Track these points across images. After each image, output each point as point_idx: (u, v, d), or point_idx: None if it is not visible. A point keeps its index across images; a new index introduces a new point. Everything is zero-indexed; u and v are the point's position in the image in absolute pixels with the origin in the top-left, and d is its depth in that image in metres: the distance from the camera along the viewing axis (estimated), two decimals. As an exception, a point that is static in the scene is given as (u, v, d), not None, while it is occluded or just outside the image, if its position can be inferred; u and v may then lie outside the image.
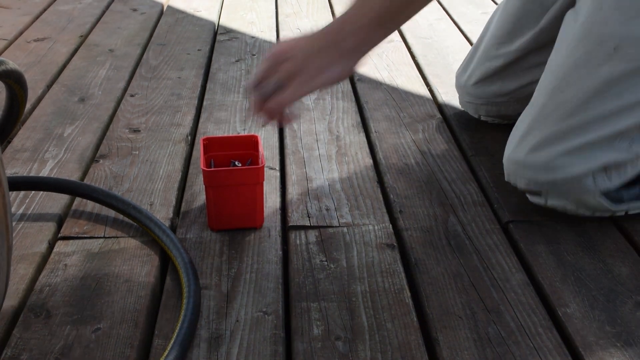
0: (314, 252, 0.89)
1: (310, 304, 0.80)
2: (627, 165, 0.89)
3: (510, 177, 0.95)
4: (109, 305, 0.79)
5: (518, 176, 0.93)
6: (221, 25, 1.80)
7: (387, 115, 1.27)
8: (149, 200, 0.99)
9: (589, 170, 0.88)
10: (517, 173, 0.93)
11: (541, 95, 0.92)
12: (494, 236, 0.92)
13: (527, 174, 0.92)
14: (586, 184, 0.89)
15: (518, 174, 0.93)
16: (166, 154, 1.13)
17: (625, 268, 0.86)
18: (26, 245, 0.89)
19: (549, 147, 0.89)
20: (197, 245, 0.90)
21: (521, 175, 0.93)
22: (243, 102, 1.33)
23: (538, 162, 0.90)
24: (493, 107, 1.18)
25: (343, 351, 0.73)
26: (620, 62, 0.84)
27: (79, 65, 1.51)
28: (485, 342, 0.74)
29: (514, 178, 0.94)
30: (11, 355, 0.72)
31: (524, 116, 0.95)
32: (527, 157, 0.91)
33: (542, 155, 0.90)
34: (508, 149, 0.95)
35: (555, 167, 0.89)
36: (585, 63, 0.87)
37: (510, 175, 0.95)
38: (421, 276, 0.85)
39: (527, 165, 0.91)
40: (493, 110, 1.18)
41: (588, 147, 0.87)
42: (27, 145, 1.15)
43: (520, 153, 0.92)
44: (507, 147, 0.95)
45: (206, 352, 0.73)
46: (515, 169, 0.93)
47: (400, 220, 0.96)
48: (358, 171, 1.08)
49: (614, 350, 0.73)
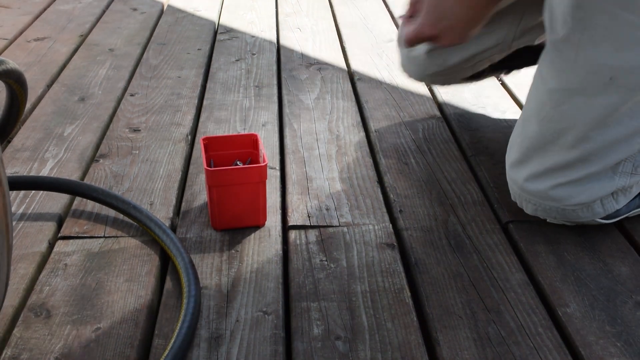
0: (314, 252, 0.89)
1: (310, 303, 0.80)
2: (633, 186, 0.89)
3: (517, 200, 0.94)
4: (109, 304, 0.79)
5: (524, 201, 0.93)
6: (221, 25, 1.80)
7: (387, 114, 1.27)
8: (149, 200, 0.99)
9: (597, 197, 0.88)
10: (522, 197, 0.93)
11: (535, 122, 0.89)
12: (494, 236, 0.92)
13: (532, 200, 0.91)
14: (595, 209, 0.89)
15: (523, 198, 0.92)
16: (166, 154, 1.13)
17: (625, 268, 0.86)
18: (26, 245, 0.89)
19: (550, 178, 0.88)
20: (197, 244, 0.90)
21: (527, 201, 0.92)
22: (243, 102, 1.33)
23: (540, 191, 0.89)
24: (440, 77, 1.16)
25: (343, 351, 0.73)
26: (617, 91, 0.82)
27: (79, 65, 1.51)
28: (485, 341, 0.74)
29: (520, 202, 0.94)
30: (11, 354, 0.72)
31: (518, 137, 0.93)
32: (528, 184, 0.90)
33: (545, 185, 0.89)
34: (508, 170, 0.94)
35: (560, 197, 0.88)
36: (581, 92, 0.84)
37: (516, 197, 0.94)
38: (421, 276, 0.85)
39: (530, 193, 0.91)
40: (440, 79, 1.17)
41: (593, 177, 0.87)
42: (27, 144, 1.15)
43: (520, 178, 0.91)
44: (507, 168, 0.94)
45: (206, 351, 0.73)
46: (520, 193, 0.92)
47: (400, 220, 0.96)
48: (358, 171, 1.08)
49: (614, 350, 0.73)
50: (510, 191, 0.95)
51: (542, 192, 0.89)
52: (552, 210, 0.90)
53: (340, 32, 1.73)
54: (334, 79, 1.44)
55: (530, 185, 0.90)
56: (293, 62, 1.54)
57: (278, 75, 1.47)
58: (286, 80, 1.44)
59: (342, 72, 1.48)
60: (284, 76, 1.46)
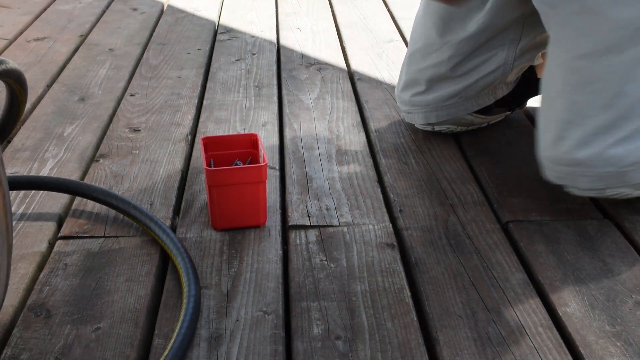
0: (314, 252, 0.89)
1: (310, 303, 0.80)
2: None
3: (564, 180, 0.93)
4: (109, 304, 0.79)
5: (577, 176, 0.91)
6: (221, 25, 1.80)
7: (387, 114, 1.27)
8: (149, 200, 0.99)
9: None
10: (574, 173, 0.91)
11: (567, 93, 0.90)
12: (494, 236, 0.92)
13: (587, 172, 0.90)
14: None
15: (576, 173, 0.91)
16: (166, 154, 1.13)
17: (625, 267, 0.86)
18: (26, 245, 0.89)
19: (598, 142, 0.88)
20: (197, 244, 0.90)
21: (580, 174, 0.91)
22: (243, 102, 1.33)
23: (593, 155, 0.88)
24: (443, 111, 1.14)
25: (343, 351, 0.73)
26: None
27: (79, 65, 1.51)
28: (485, 341, 0.74)
29: (571, 180, 0.92)
30: (11, 354, 0.72)
31: (550, 117, 0.93)
32: (577, 153, 0.89)
33: (596, 149, 0.88)
34: (548, 151, 0.93)
35: (614, 158, 0.88)
36: (610, 50, 0.85)
37: (563, 178, 0.93)
38: (421, 276, 0.85)
39: (582, 162, 0.89)
40: (443, 114, 1.14)
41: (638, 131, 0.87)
42: (27, 144, 1.15)
43: (567, 152, 0.90)
44: (546, 150, 0.93)
45: (206, 351, 0.73)
46: (570, 170, 0.91)
47: (400, 220, 0.96)
48: (358, 171, 1.08)
49: (614, 349, 0.73)
50: (553, 174, 0.94)
51: (595, 157, 0.88)
52: (611, 176, 0.89)
53: (340, 32, 1.73)
54: (334, 79, 1.44)
55: (580, 153, 0.89)
56: (293, 62, 1.54)
57: (278, 75, 1.47)
58: (286, 80, 1.44)
59: (342, 72, 1.48)
60: (284, 76, 1.46)
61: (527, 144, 1.16)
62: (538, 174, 1.07)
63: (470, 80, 1.11)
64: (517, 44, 1.08)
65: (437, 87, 1.12)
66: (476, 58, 1.09)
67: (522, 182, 1.05)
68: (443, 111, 1.14)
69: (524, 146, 1.15)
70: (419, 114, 1.16)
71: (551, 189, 1.03)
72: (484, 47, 1.08)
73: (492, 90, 1.13)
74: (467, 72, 1.10)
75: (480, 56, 1.09)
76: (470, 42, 1.08)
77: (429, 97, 1.13)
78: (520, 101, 1.21)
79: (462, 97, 1.12)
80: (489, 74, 1.10)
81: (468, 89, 1.11)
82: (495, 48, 1.08)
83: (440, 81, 1.12)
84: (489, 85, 1.12)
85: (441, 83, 1.12)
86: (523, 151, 1.14)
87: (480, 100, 1.13)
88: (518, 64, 1.11)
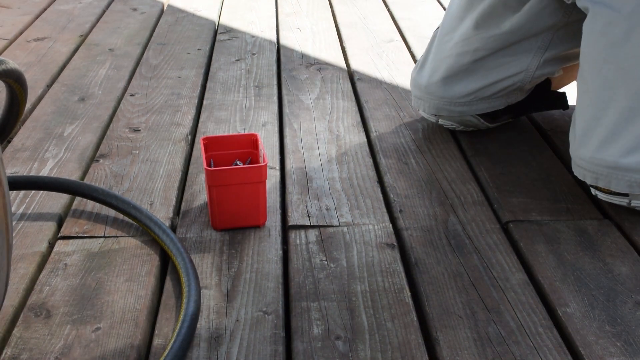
0: (314, 252, 0.89)
1: (310, 303, 0.80)
2: None
3: (603, 182, 0.93)
4: (109, 304, 0.79)
5: (614, 179, 0.92)
6: (221, 25, 1.80)
7: (387, 114, 1.27)
8: (149, 200, 0.99)
9: None
10: (614, 176, 0.92)
11: (622, 97, 0.90)
12: (493, 236, 0.92)
13: (626, 176, 0.91)
14: None
15: (617, 176, 0.91)
16: (166, 154, 1.13)
17: (625, 267, 0.86)
18: (26, 245, 0.89)
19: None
20: (197, 244, 0.90)
21: (619, 178, 0.91)
22: (243, 102, 1.33)
23: (634, 164, 0.90)
24: (456, 107, 1.14)
25: (343, 351, 0.73)
26: None
27: (79, 65, 1.51)
28: (485, 341, 0.74)
29: (608, 181, 0.93)
30: (11, 354, 0.72)
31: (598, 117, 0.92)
32: (623, 160, 0.90)
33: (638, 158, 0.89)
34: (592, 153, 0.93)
35: None
36: None
37: (599, 179, 0.93)
38: (421, 276, 0.85)
39: (627, 168, 0.90)
40: (456, 110, 1.14)
41: None
42: (27, 144, 1.15)
43: (612, 156, 0.91)
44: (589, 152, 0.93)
45: (206, 351, 0.73)
46: (611, 172, 0.92)
47: (400, 220, 0.96)
48: (358, 171, 1.08)
49: (614, 349, 0.73)
50: (589, 174, 0.94)
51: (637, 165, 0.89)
52: None
53: (340, 32, 1.73)
54: (334, 79, 1.44)
55: (626, 159, 0.90)
56: (293, 62, 1.54)
57: (278, 75, 1.47)
58: (286, 80, 1.44)
59: (342, 72, 1.48)
60: (284, 76, 1.46)
61: (527, 144, 1.16)
62: (538, 173, 1.07)
63: (488, 80, 1.11)
64: (542, 53, 1.09)
65: (455, 82, 1.12)
66: (500, 58, 1.09)
67: (522, 182, 1.05)
68: (456, 107, 1.14)
69: (524, 146, 1.15)
70: (430, 102, 1.15)
71: (551, 189, 1.03)
72: (510, 48, 1.08)
73: (507, 94, 1.13)
74: (487, 70, 1.10)
75: (504, 57, 1.09)
76: (499, 40, 1.08)
77: (446, 90, 1.13)
78: (527, 110, 1.21)
79: (477, 96, 1.12)
80: (508, 78, 1.10)
81: (484, 89, 1.11)
82: (521, 52, 1.09)
83: (459, 74, 1.11)
84: (504, 89, 1.12)
85: (460, 77, 1.11)
86: (523, 151, 1.14)
87: (493, 102, 1.13)
88: (539, 73, 1.11)
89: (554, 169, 1.08)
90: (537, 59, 1.09)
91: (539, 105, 1.20)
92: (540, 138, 1.18)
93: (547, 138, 1.19)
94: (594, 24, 0.93)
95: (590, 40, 0.94)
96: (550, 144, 1.16)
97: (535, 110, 1.22)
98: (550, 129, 1.22)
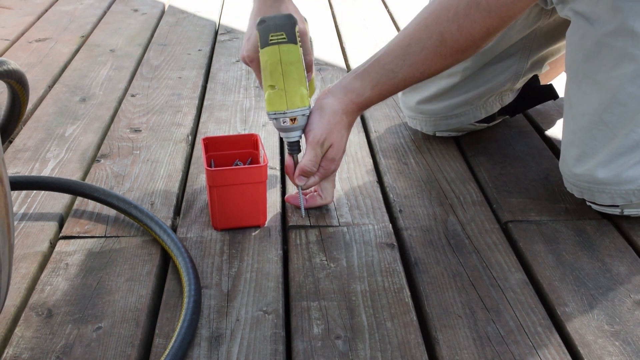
0: (314, 252, 0.89)
1: (311, 303, 0.80)
2: None
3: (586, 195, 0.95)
4: (110, 304, 0.79)
5: (597, 192, 0.93)
6: (222, 26, 1.80)
7: (387, 114, 1.28)
8: (150, 200, 1.00)
9: None
10: (597, 190, 0.93)
11: (597, 110, 0.90)
12: (493, 236, 0.93)
13: (606, 189, 0.92)
14: None
15: (599, 190, 0.93)
16: (167, 154, 1.13)
17: (623, 267, 0.86)
18: (28, 245, 0.90)
19: (619, 162, 0.90)
20: (197, 244, 0.90)
21: (600, 191, 0.92)
22: (243, 102, 1.33)
23: (611, 177, 0.90)
24: (452, 120, 1.14)
25: (343, 350, 0.73)
26: None
27: (80, 66, 1.51)
28: (485, 341, 0.75)
29: (591, 195, 0.94)
30: (13, 354, 0.72)
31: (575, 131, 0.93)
32: (597, 172, 0.91)
33: (613, 172, 0.90)
34: (571, 167, 0.94)
35: (631, 177, 0.90)
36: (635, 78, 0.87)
37: (584, 193, 0.95)
38: (421, 275, 0.85)
39: (603, 182, 0.91)
40: (452, 122, 1.14)
41: None
42: (28, 145, 1.16)
43: (590, 171, 0.92)
44: (569, 166, 0.95)
45: (207, 351, 0.73)
46: (591, 186, 0.93)
47: (400, 220, 0.96)
48: (358, 171, 1.09)
49: (613, 348, 0.74)
50: (574, 188, 0.95)
51: (615, 177, 0.90)
52: (629, 194, 0.91)
53: (340, 32, 1.74)
54: (334, 79, 1.44)
55: (602, 172, 0.91)
56: (293, 62, 1.54)
57: (278, 75, 1.47)
58: (286, 81, 1.44)
59: (342, 72, 1.48)
60: (285, 77, 1.46)
61: (526, 144, 1.16)
62: (537, 174, 1.07)
63: (480, 90, 1.11)
64: (527, 56, 1.09)
65: (446, 96, 1.12)
66: (489, 68, 1.10)
67: (521, 182, 1.05)
68: (452, 120, 1.14)
69: (523, 146, 1.16)
70: (426, 121, 1.15)
71: (550, 189, 1.03)
72: (497, 57, 1.09)
73: (499, 96, 1.13)
74: (478, 84, 1.10)
75: (492, 66, 1.09)
76: (486, 54, 1.08)
77: (438, 105, 1.13)
78: (522, 107, 1.21)
79: (471, 105, 1.12)
80: (499, 84, 1.11)
81: (477, 97, 1.12)
82: (507, 59, 1.09)
83: (451, 90, 1.11)
84: (496, 92, 1.12)
85: (451, 92, 1.11)
86: (522, 151, 1.14)
87: (487, 107, 1.13)
88: (529, 73, 1.12)
89: (553, 170, 1.08)
90: (524, 62, 1.10)
91: (530, 101, 1.20)
92: (539, 138, 1.18)
93: (546, 139, 1.19)
94: (573, 35, 0.94)
95: (571, 51, 0.94)
96: (549, 144, 1.17)
97: (528, 106, 1.22)
98: (550, 129, 1.22)
